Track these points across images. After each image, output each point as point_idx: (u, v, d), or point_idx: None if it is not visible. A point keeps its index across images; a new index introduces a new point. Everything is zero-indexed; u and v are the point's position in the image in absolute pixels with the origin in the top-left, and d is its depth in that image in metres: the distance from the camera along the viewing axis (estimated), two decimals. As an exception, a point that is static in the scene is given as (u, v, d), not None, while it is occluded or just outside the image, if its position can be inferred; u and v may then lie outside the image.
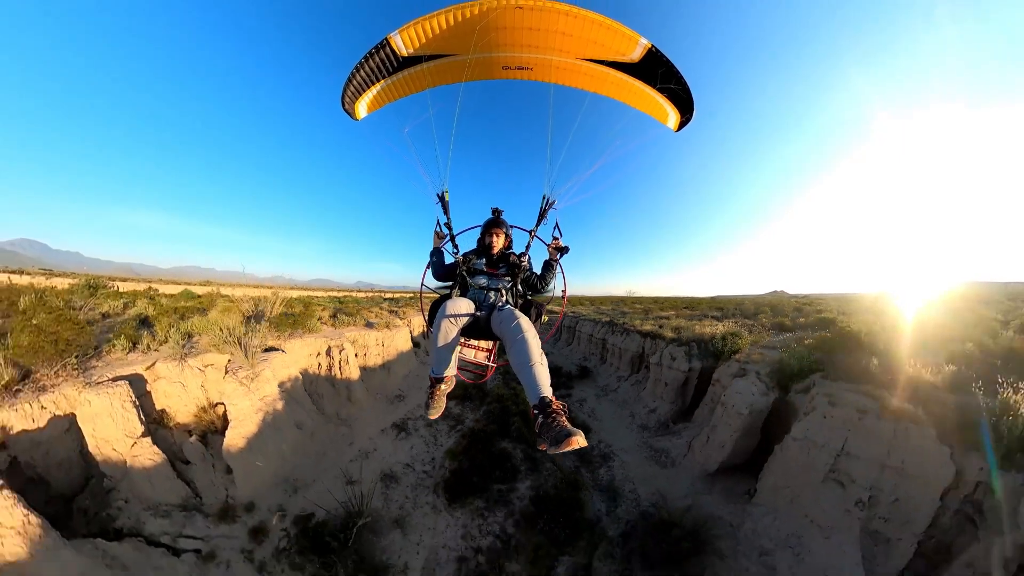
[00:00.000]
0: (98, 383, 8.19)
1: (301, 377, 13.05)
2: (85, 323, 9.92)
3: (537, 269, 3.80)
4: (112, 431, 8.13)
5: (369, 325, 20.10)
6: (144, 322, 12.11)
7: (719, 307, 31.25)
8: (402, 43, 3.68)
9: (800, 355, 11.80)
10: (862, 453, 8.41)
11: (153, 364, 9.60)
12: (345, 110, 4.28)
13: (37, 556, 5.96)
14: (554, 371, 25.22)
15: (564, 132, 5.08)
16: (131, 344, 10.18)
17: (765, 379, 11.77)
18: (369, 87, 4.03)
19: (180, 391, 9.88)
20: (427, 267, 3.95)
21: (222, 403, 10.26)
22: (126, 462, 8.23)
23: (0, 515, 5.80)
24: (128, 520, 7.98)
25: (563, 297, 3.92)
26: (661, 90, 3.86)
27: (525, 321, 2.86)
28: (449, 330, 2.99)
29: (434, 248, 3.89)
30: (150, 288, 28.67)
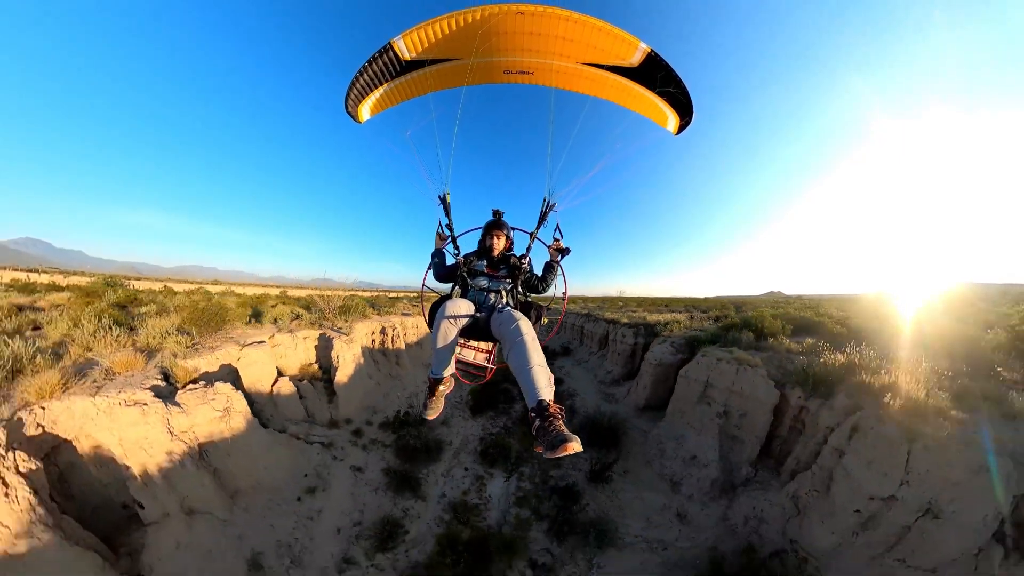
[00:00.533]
0: (246, 344, 12.79)
1: (366, 347, 19.60)
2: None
3: (538, 271, 3.83)
4: (261, 374, 13.03)
5: (405, 314, 27.39)
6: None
7: (693, 305, 39.12)
8: (405, 47, 3.72)
9: (708, 331, 17.63)
10: (718, 384, 13.68)
11: (273, 335, 14.73)
12: (348, 113, 4.32)
13: (248, 431, 10.46)
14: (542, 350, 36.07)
15: (565, 135, 5.13)
16: (247, 323, 15.45)
17: (676, 345, 17.84)
18: (372, 91, 4.08)
19: (291, 353, 15.23)
20: (428, 268, 3.99)
21: (315, 363, 16.27)
22: (270, 392, 13.26)
23: (235, 403, 10.18)
24: (276, 425, 12.81)
25: (564, 298, 3.96)
26: (660, 94, 3.89)
27: (525, 323, 2.85)
28: (448, 331, 3.00)
29: (436, 249, 3.92)
30: (166, 287, 29.51)
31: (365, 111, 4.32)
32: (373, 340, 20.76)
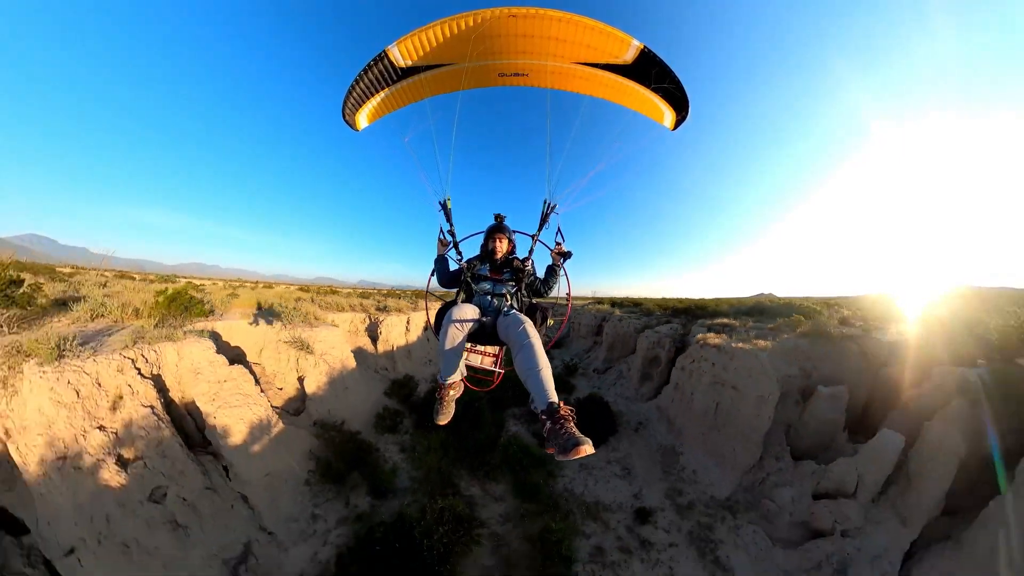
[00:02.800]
0: (406, 311, 27.07)
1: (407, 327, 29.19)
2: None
3: (540, 273, 3.87)
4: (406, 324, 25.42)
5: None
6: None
7: (635, 300, 53.41)
8: (399, 54, 3.74)
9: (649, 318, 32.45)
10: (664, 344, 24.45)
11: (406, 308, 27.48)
12: (346, 121, 4.34)
13: (417, 339, 27.90)
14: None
15: (563, 136, 5.12)
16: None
17: (633, 320, 30.80)
18: (369, 98, 4.10)
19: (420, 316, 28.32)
20: (432, 274, 4.04)
21: (426, 322, 24.47)
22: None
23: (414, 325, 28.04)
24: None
25: (568, 299, 4.01)
26: (656, 90, 3.90)
27: (530, 327, 2.88)
28: (455, 336, 3.03)
29: (438, 256, 3.94)
30: (212, 281, 31.74)
31: (362, 119, 4.35)
32: (418, 323, 35.55)
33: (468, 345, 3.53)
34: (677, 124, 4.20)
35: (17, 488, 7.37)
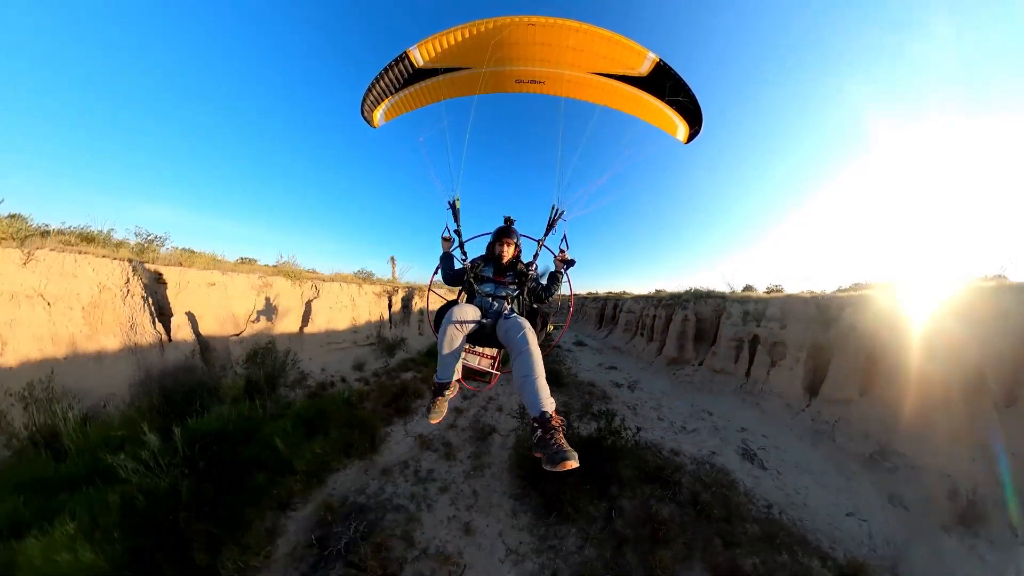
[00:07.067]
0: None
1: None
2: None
3: (543, 279, 3.89)
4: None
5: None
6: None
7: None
8: (420, 56, 3.83)
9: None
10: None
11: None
12: (364, 118, 4.45)
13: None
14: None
15: (574, 143, 5.16)
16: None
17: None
18: (387, 97, 4.20)
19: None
20: (435, 270, 4.10)
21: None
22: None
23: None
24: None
25: (571, 303, 4.03)
26: (670, 103, 3.92)
27: (531, 333, 2.87)
28: (455, 336, 3.04)
29: (444, 253, 3.98)
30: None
31: (380, 117, 4.45)
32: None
33: (467, 346, 3.56)
34: (690, 138, 4.21)
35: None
